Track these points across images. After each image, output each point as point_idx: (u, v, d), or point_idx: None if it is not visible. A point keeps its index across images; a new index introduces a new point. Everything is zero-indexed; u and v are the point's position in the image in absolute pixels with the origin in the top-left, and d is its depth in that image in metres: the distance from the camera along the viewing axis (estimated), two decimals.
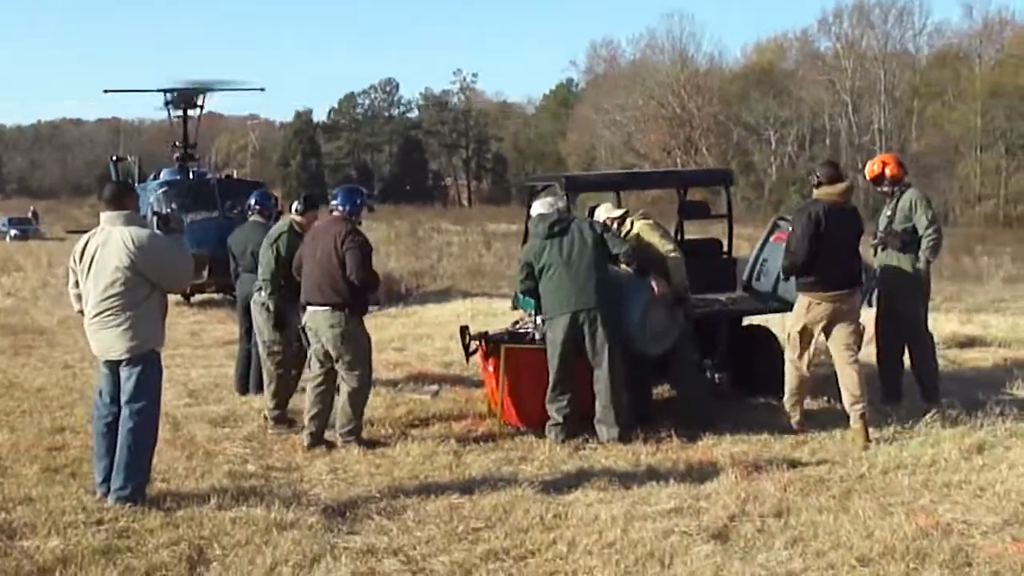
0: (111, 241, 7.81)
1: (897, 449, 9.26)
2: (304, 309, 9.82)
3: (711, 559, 6.67)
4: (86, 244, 7.97)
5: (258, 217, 12.10)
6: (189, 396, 12.16)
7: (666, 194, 19.53)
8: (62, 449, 9.68)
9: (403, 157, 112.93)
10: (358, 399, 9.76)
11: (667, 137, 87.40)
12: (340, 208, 9.91)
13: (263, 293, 10.73)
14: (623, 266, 10.08)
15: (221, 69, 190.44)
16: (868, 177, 11.52)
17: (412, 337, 17.14)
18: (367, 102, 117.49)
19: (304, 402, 10.10)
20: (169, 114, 25.05)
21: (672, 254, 10.41)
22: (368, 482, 8.65)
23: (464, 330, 10.99)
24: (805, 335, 10.01)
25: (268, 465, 9.26)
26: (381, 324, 18.34)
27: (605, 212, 10.81)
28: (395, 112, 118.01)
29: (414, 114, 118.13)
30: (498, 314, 19.53)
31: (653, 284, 9.98)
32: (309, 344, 9.90)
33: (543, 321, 10.13)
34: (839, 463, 8.92)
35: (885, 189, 11.35)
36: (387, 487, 8.45)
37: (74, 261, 8.05)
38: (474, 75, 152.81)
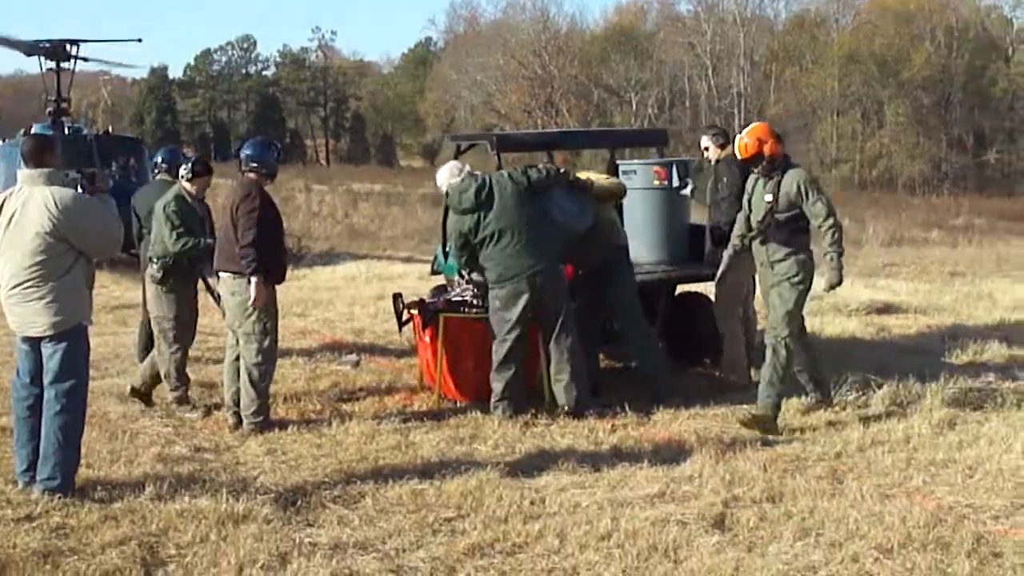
0: (31, 203, 6.93)
1: (864, 423, 8.88)
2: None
3: (722, 553, 6.16)
4: (1, 206, 7.05)
5: (165, 176, 11.05)
6: (91, 368, 11.03)
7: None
8: None
9: (260, 115, 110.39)
10: (257, 375, 8.88)
11: (528, 98, 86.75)
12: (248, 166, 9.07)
13: (154, 267, 9.81)
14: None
15: (74, 20, 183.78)
16: (740, 156, 9.19)
17: (312, 302, 16.21)
18: (224, 59, 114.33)
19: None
20: (41, 66, 23.47)
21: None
22: (313, 465, 7.93)
23: (397, 297, 10.25)
24: (741, 289, 10.24)
25: (197, 446, 8.48)
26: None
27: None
28: (252, 70, 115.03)
29: (271, 72, 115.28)
30: (394, 277, 18.96)
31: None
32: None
33: (495, 288, 9.39)
34: (810, 440, 8.51)
35: (758, 169, 9.17)
36: (335, 471, 7.75)
37: None
38: (333, 33, 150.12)
